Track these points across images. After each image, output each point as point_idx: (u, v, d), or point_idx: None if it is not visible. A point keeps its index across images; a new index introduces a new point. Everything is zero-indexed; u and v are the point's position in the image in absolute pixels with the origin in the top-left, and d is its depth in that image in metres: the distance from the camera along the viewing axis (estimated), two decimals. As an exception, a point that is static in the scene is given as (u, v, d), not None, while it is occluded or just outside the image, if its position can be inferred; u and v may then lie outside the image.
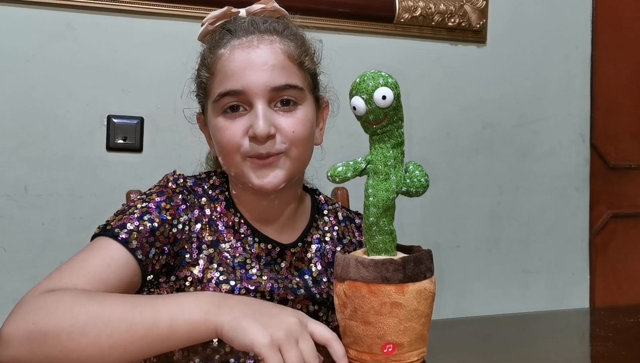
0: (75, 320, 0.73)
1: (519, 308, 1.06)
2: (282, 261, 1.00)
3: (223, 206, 0.99)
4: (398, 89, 0.77)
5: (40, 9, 1.65)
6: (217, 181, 1.02)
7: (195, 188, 0.99)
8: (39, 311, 0.75)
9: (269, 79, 0.92)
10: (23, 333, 0.73)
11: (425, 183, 0.80)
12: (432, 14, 1.95)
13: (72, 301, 0.75)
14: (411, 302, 0.76)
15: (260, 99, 0.92)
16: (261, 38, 0.94)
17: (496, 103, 2.07)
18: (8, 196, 1.64)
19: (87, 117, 1.69)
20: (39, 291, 0.79)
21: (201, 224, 0.96)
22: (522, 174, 2.11)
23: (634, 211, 2.24)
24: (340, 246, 1.07)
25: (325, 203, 1.10)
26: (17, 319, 0.74)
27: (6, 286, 1.63)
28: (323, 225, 1.07)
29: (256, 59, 0.93)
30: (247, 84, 0.92)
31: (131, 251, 0.87)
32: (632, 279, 2.24)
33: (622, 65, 2.21)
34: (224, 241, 0.97)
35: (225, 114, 0.94)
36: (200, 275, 0.93)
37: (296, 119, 0.95)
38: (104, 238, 0.88)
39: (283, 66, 0.94)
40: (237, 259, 0.96)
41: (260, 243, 0.99)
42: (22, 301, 0.78)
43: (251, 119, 0.92)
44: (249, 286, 0.94)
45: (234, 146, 0.93)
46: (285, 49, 0.95)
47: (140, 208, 0.91)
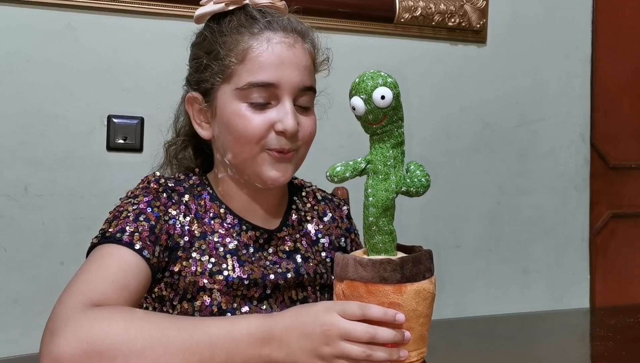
0: (133, 343, 0.74)
1: (519, 308, 1.06)
2: (269, 246, 1.01)
3: (207, 199, 1.00)
4: (397, 88, 0.77)
5: (40, 9, 1.65)
6: (197, 180, 1.03)
7: (177, 187, 0.99)
8: (91, 329, 0.74)
9: (301, 78, 0.96)
10: (77, 352, 0.73)
11: (426, 183, 0.80)
12: (432, 14, 1.95)
13: (125, 322, 0.76)
14: (409, 302, 0.76)
15: (289, 96, 0.95)
16: (296, 37, 0.97)
17: (496, 103, 2.07)
18: (8, 196, 1.64)
19: (87, 117, 1.69)
20: (80, 306, 0.78)
21: (188, 218, 0.97)
22: (522, 174, 2.11)
23: (634, 211, 2.24)
24: (322, 224, 1.08)
25: (302, 186, 1.12)
26: (69, 337, 0.73)
27: (6, 286, 1.63)
28: (302, 206, 1.09)
29: (292, 57, 0.96)
30: (283, 79, 0.94)
31: (139, 253, 0.88)
32: (632, 279, 2.24)
33: (622, 65, 2.21)
34: (212, 232, 0.97)
35: (250, 104, 0.95)
36: (194, 268, 0.94)
37: (312, 120, 0.99)
38: (108, 245, 0.88)
39: (310, 70, 0.99)
40: (227, 248, 0.97)
41: (247, 231, 1.00)
42: (65, 316, 0.76)
43: (280, 114, 0.94)
44: (242, 275, 0.95)
45: (256, 137, 0.94)
46: (311, 53, 1.00)
47: (132, 210, 0.92)
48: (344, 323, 0.75)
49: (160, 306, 0.96)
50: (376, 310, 0.76)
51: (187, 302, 0.94)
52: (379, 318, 0.75)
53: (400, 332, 0.76)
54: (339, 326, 0.75)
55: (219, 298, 0.94)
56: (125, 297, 0.83)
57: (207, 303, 0.94)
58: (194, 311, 0.94)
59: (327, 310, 0.76)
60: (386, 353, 0.75)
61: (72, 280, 0.84)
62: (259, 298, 0.97)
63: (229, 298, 0.95)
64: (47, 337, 0.75)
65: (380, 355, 0.75)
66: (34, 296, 1.63)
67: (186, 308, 0.94)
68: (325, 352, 0.75)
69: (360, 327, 0.75)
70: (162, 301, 0.96)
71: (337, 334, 0.74)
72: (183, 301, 0.94)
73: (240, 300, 0.95)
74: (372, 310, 0.75)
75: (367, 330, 0.75)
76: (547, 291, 2.13)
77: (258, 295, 0.97)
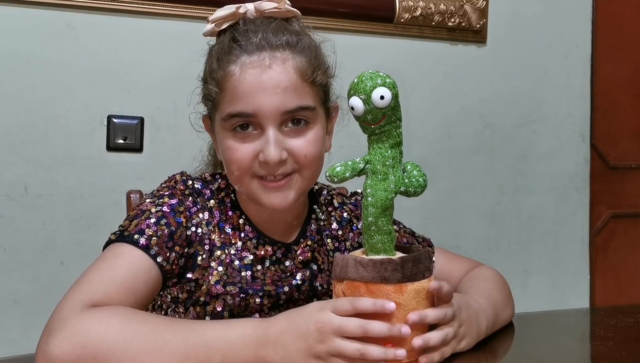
0: (128, 346, 0.74)
1: (519, 308, 1.06)
2: (286, 259, 1.00)
3: (229, 208, 0.99)
4: (396, 89, 0.77)
5: (40, 9, 1.65)
6: (222, 183, 1.01)
7: (203, 190, 0.98)
8: (87, 332, 0.74)
9: (281, 102, 0.89)
10: (71, 356, 0.72)
11: (424, 183, 0.80)
12: (432, 14, 1.95)
13: (122, 325, 0.75)
14: (410, 302, 0.77)
15: (271, 123, 0.89)
16: (273, 56, 0.90)
17: (496, 103, 2.07)
18: (8, 196, 1.64)
19: (87, 117, 1.69)
20: (78, 307, 0.77)
21: (211, 226, 0.96)
22: (522, 174, 2.11)
23: (634, 211, 2.24)
24: (341, 230, 1.06)
25: (321, 192, 1.09)
26: (63, 339, 0.73)
27: (6, 286, 1.63)
28: (322, 214, 1.06)
29: (268, 81, 0.89)
30: (259, 107, 0.89)
31: (153, 258, 0.87)
32: (632, 279, 2.24)
33: (622, 65, 2.21)
34: (230, 244, 0.96)
35: (234, 133, 0.91)
36: (210, 277, 0.94)
37: (307, 141, 0.92)
38: (124, 244, 0.87)
39: (295, 87, 0.90)
40: (243, 262, 0.96)
41: (265, 245, 0.98)
42: (62, 317, 0.76)
43: (262, 144, 0.90)
44: (256, 288, 0.95)
45: (243, 168, 0.91)
46: (298, 66, 0.91)
47: (155, 212, 0.90)
48: (337, 319, 0.75)
49: (174, 307, 0.97)
50: (365, 302, 0.75)
51: (200, 307, 0.94)
52: (368, 309, 0.75)
53: (396, 326, 0.75)
54: (332, 322, 0.75)
55: (232, 306, 0.94)
56: (130, 301, 0.83)
57: (220, 309, 0.94)
58: (205, 315, 0.95)
59: (320, 309, 0.77)
60: (381, 351, 0.75)
61: (81, 276, 0.84)
62: (271, 307, 0.97)
63: (242, 306, 0.95)
64: (44, 337, 0.75)
65: (375, 352, 0.74)
66: (34, 296, 1.63)
67: (198, 311, 0.95)
68: (320, 350, 0.75)
69: (352, 322, 0.75)
70: (176, 302, 0.96)
71: (331, 331, 0.74)
72: (197, 305, 0.94)
73: (252, 308, 0.96)
74: (361, 303, 0.75)
75: (360, 324, 0.74)
76: (547, 291, 2.13)
77: (270, 305, 0.97)
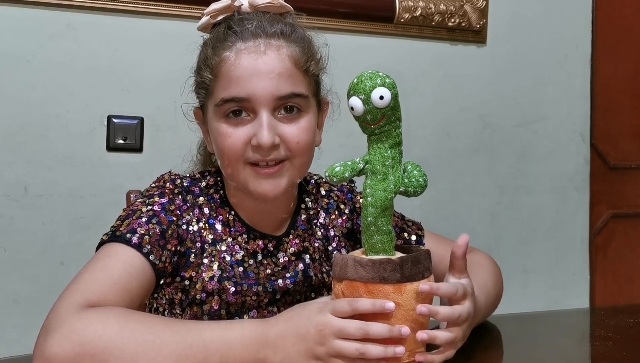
0: (126, 346, 0.74)
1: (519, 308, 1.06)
2: (278, 252, 1.00)
3: (218, 204, 0.99)
4: (395, 89, 0.77)
5: (40, 9, 1.65)
6: (211, 180, 1.01)
7: (192, 188, 0.98)
8: (84, 331, 0.74)
9: (275, 88, 0.90)
10: (69, 354, 0.72)
11: (424, 183, 0.80)
12: (432, 14, 1.95)
13: (119, 324, 0.75)
14: (409, 302, 0.77)
15: (264, 108, 0.90)
16: (268, 43, 0.91)
17: (496, 103, 2.07)
18: (8, 196, 1.64)
19: (87, 117, 1.69)
20: (75, 306, 0.77)
21: (201, 223, 0.96)
22: (522, 174, 2.11)
23: (634, 211, 2.24)
24: (329, 218, 1.06)
25: (308, 181, 1.09)
26: (61, 338, 0.73)
27: (6, 286, 1.63)
28: (310, 203, 1.06)
29: (263, 66, 0.90)
30: (253, 92, 0.90)
31: (145, 256, 0.87)
32: (632, 279, 2.24)
33: (622, 65, 2.21)
34: (221, 240, 0.97)
35: (227, 119, 0.92)
36: (204, 274, 0.94)
37: (300, 128, 0.93)
38: (116, 244, 0.87)
39: (289, 74, 0.91)
40: (235, 258, 0.96)
41: (255, 239, 0.99)
42: (60, 316, 0.76)
43: (255, 128, 0.90)
44: (250, 283, 0.95)
45: (236, 154, 0.92)
46: (292, 55, 0.92)
47: (146, 211, 0.91)
48: (337, 322, 0.75)
49: (170, 308, 0.97)
50: (364, 302, 0.76)
51: (197, 306, 0.94)
52: (368, 309, 0.75)
53: (395, 327, 0.76)
54: (332, 324, 0.75)
55: (229, 303, 0.94)
56: (126, 300, 0.83)
57: (216, 308, 0.94)
58: (202, 314, 0.94)
59: (319, 311, 0.77)
60: (381, 349, 0.74)
61: (76, 277, 0.84)
62: (268, 302, 0.97)
63: (238, 303, 0.95)
64: (41, 336, 0.75)
65: (375, 351, 0.74)
66: (34, 296, 1.63)
67: (195, 311, 0.94)
68: (320, 352, 0.75)
69: (353, 324, 0.75)
70: (172, 304, 0.96)
71: (331, 333, 0.74)
72: (193, 305, 0.94)
73: (249, 304, 0.96)
74: (360, 303, 0.75)
75: (360, 327, 0.74)
76: (547, 291, 2.13)
77: (267, 300, 0.97)
